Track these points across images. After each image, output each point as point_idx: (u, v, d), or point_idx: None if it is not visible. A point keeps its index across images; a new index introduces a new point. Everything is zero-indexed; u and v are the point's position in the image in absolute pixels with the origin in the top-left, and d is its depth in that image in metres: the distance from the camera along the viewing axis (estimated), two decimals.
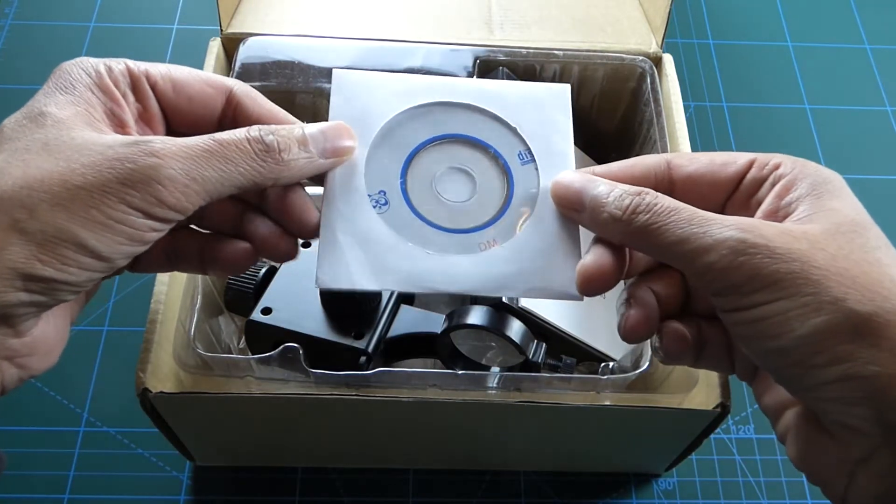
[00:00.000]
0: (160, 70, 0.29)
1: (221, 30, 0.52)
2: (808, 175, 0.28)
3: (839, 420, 0.25)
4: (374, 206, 0.31)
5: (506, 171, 0.33)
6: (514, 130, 0.34)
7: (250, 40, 0.51)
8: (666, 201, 0.27)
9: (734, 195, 0.29)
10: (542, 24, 0.56)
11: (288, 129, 0.29)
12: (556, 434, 0.45)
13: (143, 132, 0.29)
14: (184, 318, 0.41)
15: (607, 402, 0.40)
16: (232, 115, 0.30)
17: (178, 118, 0.30)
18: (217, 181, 0.27)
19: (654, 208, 0.27)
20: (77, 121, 0.26)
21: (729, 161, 0.29)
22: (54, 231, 0.24)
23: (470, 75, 0.52)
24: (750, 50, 0.74)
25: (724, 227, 0.25)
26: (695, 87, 0.71)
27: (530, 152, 0.33)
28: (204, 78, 0.30)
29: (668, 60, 0.53)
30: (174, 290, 0.42)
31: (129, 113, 0.28)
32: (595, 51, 0.53)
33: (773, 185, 0.28)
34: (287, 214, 0.30)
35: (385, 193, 0.32)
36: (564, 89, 0.35)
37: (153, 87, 0.29)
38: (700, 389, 0.41)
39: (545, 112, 0.34)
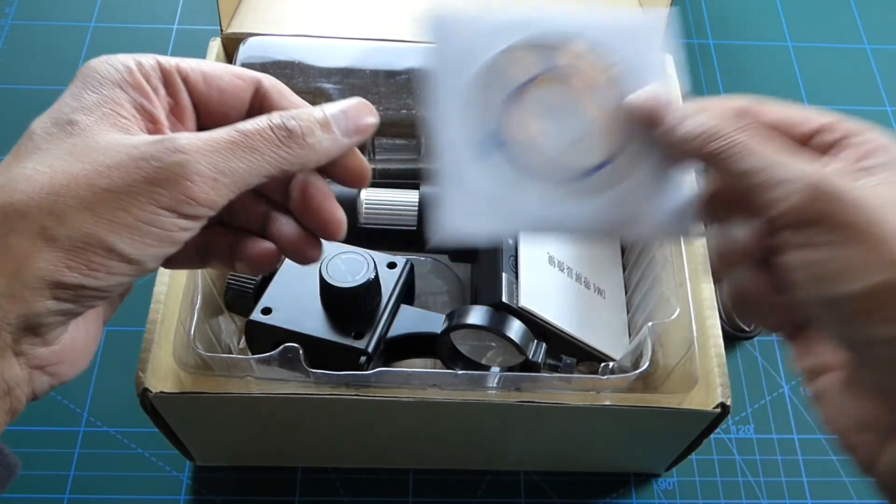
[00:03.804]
0: (191, 64, 0.29)
1: (221, 30, 0.52)
2: (891, 149, 0.27)
3: (883, 383, 0.25)
4: (488, 150, 0.30)
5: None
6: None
7: (250, 40, 0.51)
8: (749, 129, 0.27)
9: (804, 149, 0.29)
10: None
11: (308, 113, 0.29)
12: (556, 434, 0.45)
13: (174, 127, 0.29)
14: (184, 318, 0.41)
15: (607, 402, 0.40)
16: (259, 107, 0.30)
17: (209, 112, 0.30)
18: (245, 172, 0.26)
19: (734, 134, 0.27)
20: (103, 124, 0.26)
21: (806, 119, 0.29)
22: (82, 236, 0.24)
23: None
24: (750, 50, 0.74)
25: (804, 164, 0.26)
26: (695, 86, 0.71)
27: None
28: (233, 70, 0.30)
29: (668, 60, 0.53)
30: (174, 290, 0.42)
31: (160, 108, 0.28)
32: None
33: (850, 147, 0.28)
34: (310, 211, 0.30)
35: (496, 135, 0.30)
36: (658, 18, 0.33)
37: (185, 81, 0.29)
38: (700, 389, 0.41)
39: (637, 46, 0.32)
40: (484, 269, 0.43)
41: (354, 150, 0.31)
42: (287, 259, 0.31)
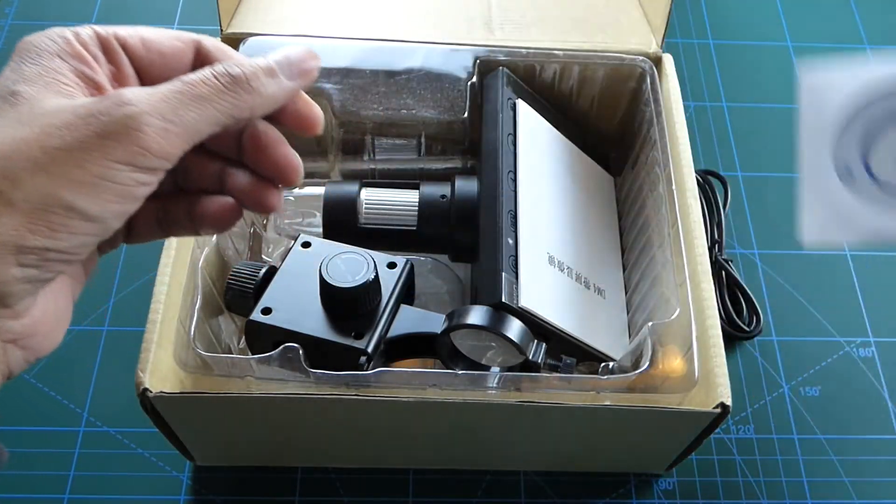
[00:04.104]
0: (128, 30, 0.30)
1: (221, 30, 0.52)
2: None
3: None
4: (856, 176, 0.35)
5: None
6: None
7: (250, 40, 0.51)
8: None
9: None
10: (541, 25, 0.56)
11: (252, 60, 0.29)
12: (556, 434, 0.45)
13: None
14: (184, 318, 0.41)
15: (607, 402, 0.40)
16: (201, 66, 0.30)
17: (152, 77, 0.30)
18: (195, 121, 0.26)
19: None
20: (47, 92, 0.26)
21: None
22: (40, 197, 0.24)
23: (470, 75, 0.52)
24: (750, 50, 0.74)
25: None
26: (695, 87, 0.71)
27: None
28: (173, 34, 0.30)
29: (668, 60, 0.53)
30: (174, 290, 0.42)
31: (102, 75, 0.28)
32: (595, 51, 0.53)
33: None
34: (263, 158, 0.30)
35: (865, 165, 0.36)
36: None
37: (124, 47, 0.29)
38: (700, 389, 0.41)
39: None
40: (484, 269, 0.43)
41: (303, 96, 0.31)
42: (287, 259, 0.31)
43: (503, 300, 0.41)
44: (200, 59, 0.30)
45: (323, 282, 0.40)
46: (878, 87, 0.36)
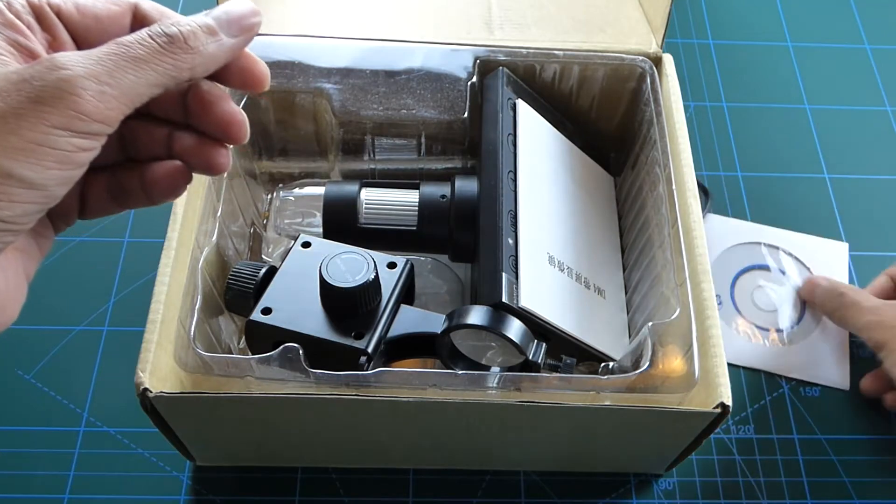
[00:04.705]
0: None
1: None
2: None
3: None
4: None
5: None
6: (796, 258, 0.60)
7: None
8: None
9: None
10: (541, 24, 0.56)
11: (190, 18, 0.28)
12: (556, 434, 0.45)
13: None
14: (184, 318, 0.41)
15: (607, 402, 0.40)
16: (140, 29, 0.29)
17: (90, 43, 0.29)
18: (132, 83, 0.26)
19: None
20: None
21: None
22: None
23: (470, 75, 0.52)
24: (750, 50, 0.74)
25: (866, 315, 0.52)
26: (695, 87, 0.71)
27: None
28: None
29: (668, 60, 0.53)
30: (174, 290, 0.42)
31: (36, 43, 0.27)
32: (595, 51, 0.53)
33: None
34: (208, 116, 0.30)
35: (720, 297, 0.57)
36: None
37: (58, 14, 0.28)
38: (700, 389, 0.41)
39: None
40: (484, 269, 0.43)
41: (247, 53, 0.30)
42: (287, 259, 0.31)
43: (503, 300, 0.41)
44: (139, 21, 0.30)
45: (323, 282, 0.40)
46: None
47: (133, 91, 0.26)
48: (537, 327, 0.42)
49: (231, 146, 0.31)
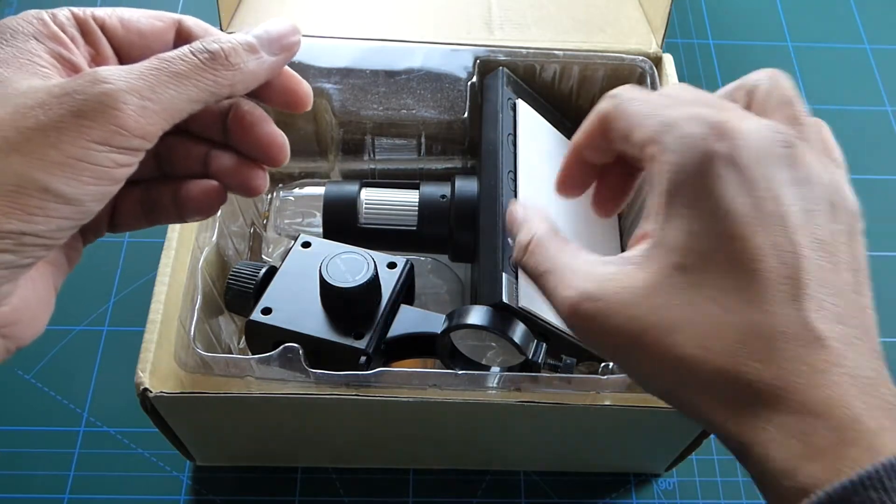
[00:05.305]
0: (106, 11, 0.29)
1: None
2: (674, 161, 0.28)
3: None
4: None
5: None
6: None
7: None
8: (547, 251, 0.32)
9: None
10: (542, 24, 0.56)
11: (232, 36, 0.28)
12: (556, 434, 0.45)
13: None
14: (184, 318, 0.41)
15: (607, 402, 0.40)
16: (183, 45, 0.29)
17: (132, 58, 0.29)
18: (173, 98, 0.26)
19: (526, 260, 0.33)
20: (21, 73, 0.25)
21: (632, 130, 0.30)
22: (14, 179, 0.23)
23: (470, 75, 0.52)
24: (750, 50, 0.74)
25: (568, 287, 0.29)
26: (695, 87, 0.71)
27: None
28: (152, 13, 0.30)
29: (668, 60, 0.53)
30: (174, 290, 0.42)
31: (79, 56, 0.27)
32: (595, 51, 0.53)
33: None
34: (248, 137, 0.30)
35: None
36: None
37: (102, 28, 0.28)
38: None
39: None
40: (484, 269, 0.43)
41: (289, 71, 0.30)
42: (287, 259, 0.31)
43: (503, 300, 0.41)
44: (182, 37, 0.30)
45: (323, 282, 0.40)
46: None
47: (173, 106, 0.26)
48: (537, 327, 0.42)
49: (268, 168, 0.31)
